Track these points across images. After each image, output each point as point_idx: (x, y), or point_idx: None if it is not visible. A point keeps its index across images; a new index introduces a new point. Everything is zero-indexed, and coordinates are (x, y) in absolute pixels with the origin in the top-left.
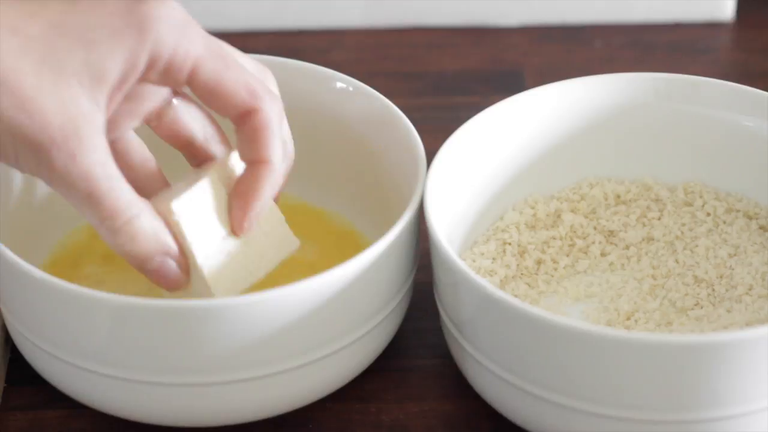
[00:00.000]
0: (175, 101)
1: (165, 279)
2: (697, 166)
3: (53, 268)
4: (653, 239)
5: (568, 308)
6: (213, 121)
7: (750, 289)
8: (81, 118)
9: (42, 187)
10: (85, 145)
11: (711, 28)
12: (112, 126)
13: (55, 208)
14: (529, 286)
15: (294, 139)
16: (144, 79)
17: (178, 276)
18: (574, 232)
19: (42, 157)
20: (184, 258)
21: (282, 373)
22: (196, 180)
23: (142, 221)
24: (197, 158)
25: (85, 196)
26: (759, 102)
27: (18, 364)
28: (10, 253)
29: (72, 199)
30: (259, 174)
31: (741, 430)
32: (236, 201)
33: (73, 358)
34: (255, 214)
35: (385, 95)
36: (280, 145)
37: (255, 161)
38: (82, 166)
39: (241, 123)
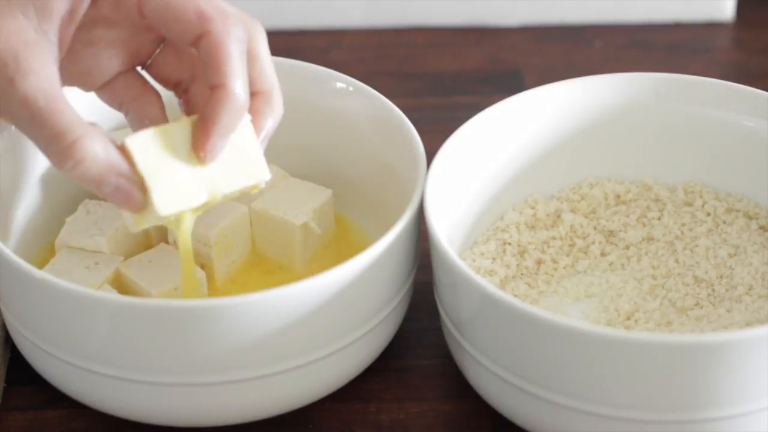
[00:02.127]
0: (161, 47)
1: (125, 199)
2: (697, 166)
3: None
4: (653, 239)
5: (568, 308)
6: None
7: (750, 289)
8: (22, 46)
9: (41, 188)
10: (23, 70)
11: (711, 28)
12: (97, 69)
13: (54, 209)
14: (529, 286)
15: (294, 139)
16: (97, 10)
17: (136, 196)
18: (574, 232)
19: None
20: (139, 178)
21: (282, 373)
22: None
23: (89, 142)
24: (188, 104)
25: (27, 120)
26: (759, 102)
27: (18, 364)
28: (10, 253)
29: (18, 124)
30: (216, 99)
31: (741, 430)
32: (197, 128)
33: (73, 358)
34: (214, 141)
35: (385, 95)
36: (240, 70)
37: (213, 87)
38: (20, 91)
39: (197, 48)
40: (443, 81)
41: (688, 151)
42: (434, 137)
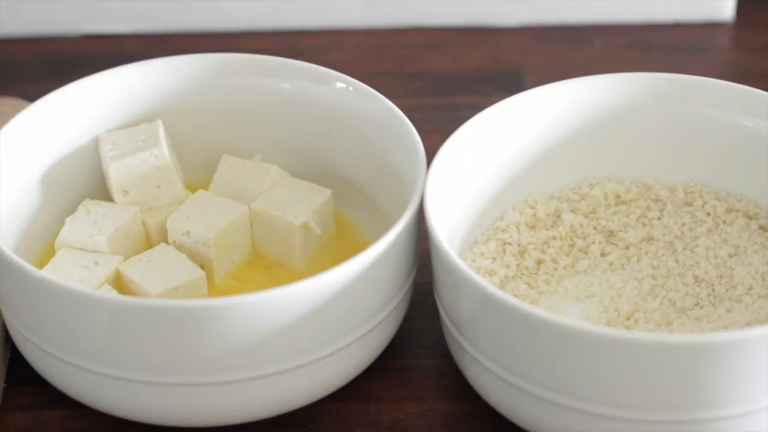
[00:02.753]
0: None
1: None
2: (697, 166)
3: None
4: (653, 239)
5: (568, 308)
6: None
7: (750, 289)
8: None
9: (41, 188)
10: None
11: (711, 28)
12: None
13: (54, 209)
14: (529, 286)
15: (293, 139)
16: None
17: None
18: (574, 232)
19: None
20: None
21: (282, 373)
22: None
23: None
24: None
25: None
26: (759, 102)
27: (18, 364)
28: (10, 253)
29: None
30: None
31: (741, 430)
32: None
33: (73, 358)
34: None
35: (385, 95)
36: None
37: None
38: None
39: None
40: (443, 81)
41: (688, 151)
42: (434, 137)
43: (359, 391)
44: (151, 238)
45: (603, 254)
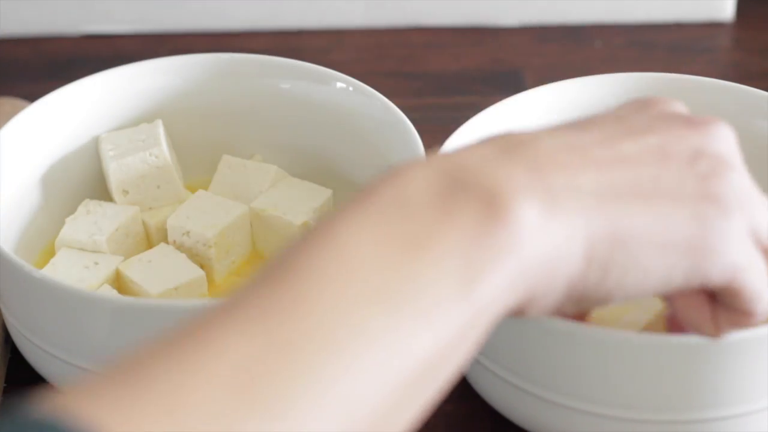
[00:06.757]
0: None
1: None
2: None
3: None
4: None
5: None
6: None
7: None
8: None
9: (41, 188)
10: None
11: (711, 28)
12: None
13: (54, 209)
14: None
15: (293, 139)
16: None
17: None
18: None
19: None
20: None
21: None
22: None
23: None
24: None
25: None
26: (759, 102)
27: (18, 364)
28: (10, 253)
29: None
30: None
31: (741, 430)
32: None
33: (73, 358)
34: None
35: (385, 95)
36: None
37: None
38: None
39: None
40: (443, 81)
41: None
42: (434, 137)
43: None
44: (151, 238)
45: None
